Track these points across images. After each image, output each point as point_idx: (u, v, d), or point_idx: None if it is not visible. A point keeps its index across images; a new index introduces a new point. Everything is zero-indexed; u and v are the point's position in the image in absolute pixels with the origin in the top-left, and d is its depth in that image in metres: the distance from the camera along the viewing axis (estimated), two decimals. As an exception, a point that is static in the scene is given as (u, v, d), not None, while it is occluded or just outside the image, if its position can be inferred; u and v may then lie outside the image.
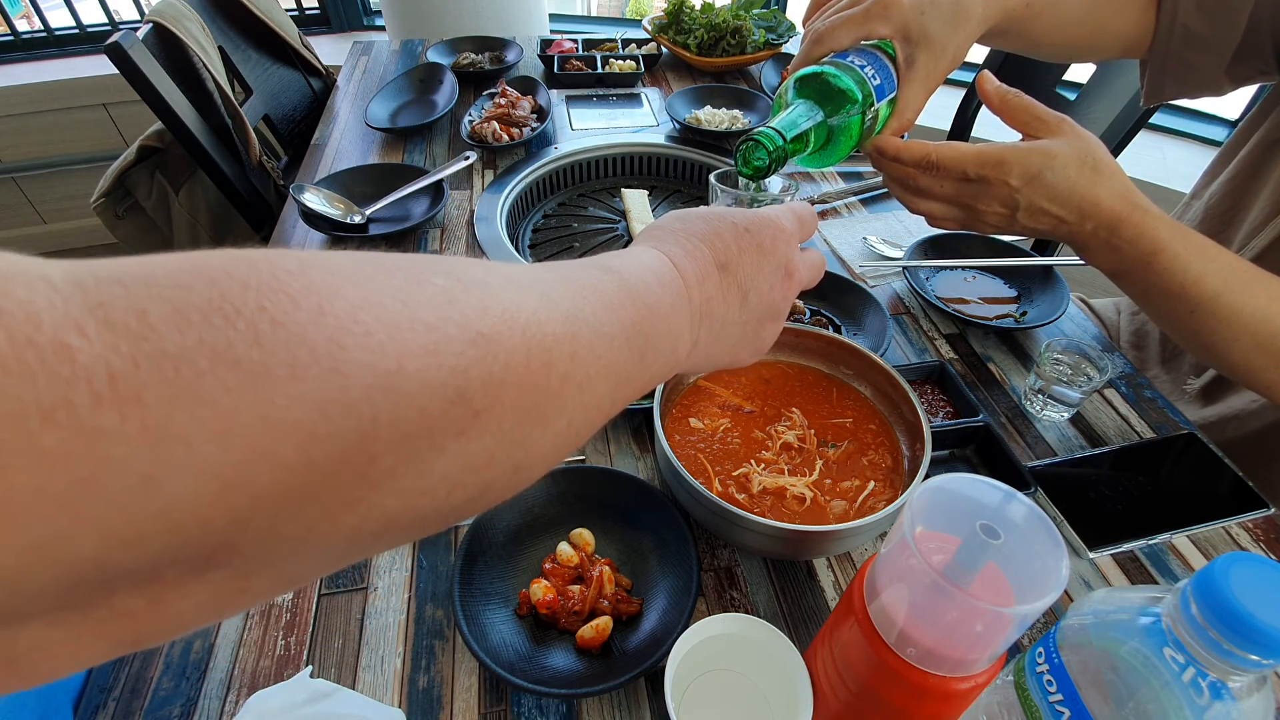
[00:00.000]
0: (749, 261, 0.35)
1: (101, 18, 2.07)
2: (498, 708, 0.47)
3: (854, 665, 0.37)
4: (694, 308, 0.32)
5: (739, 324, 0.35)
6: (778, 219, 0.37)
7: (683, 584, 0.50)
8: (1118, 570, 0.56)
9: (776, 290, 0.36)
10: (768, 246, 0.35)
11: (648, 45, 1.38)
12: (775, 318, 0.37)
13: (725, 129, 1.09)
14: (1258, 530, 0.59)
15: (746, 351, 0.37)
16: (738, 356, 0.37)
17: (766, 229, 0.36)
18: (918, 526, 0.31)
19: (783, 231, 0.36)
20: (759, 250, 0.35)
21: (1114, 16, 0.67)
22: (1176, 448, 0.64)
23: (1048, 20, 0.64)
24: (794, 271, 0.37)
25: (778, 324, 0.38)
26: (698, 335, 0.33)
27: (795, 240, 0.37)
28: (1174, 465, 0.63)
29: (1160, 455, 0.64)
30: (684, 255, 0.33)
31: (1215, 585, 0.26)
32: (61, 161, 2.08)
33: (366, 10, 2.22)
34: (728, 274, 0.34)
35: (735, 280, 0.34)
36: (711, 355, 0.35)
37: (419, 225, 0.90)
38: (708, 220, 0.35)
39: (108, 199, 1.13)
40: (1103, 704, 0.29)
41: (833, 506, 0.52)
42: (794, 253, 0.37)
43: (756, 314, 0.36)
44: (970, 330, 0.78)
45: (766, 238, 0.35)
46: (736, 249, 0.34)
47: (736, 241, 0.35)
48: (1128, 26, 0.68)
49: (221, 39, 1.14)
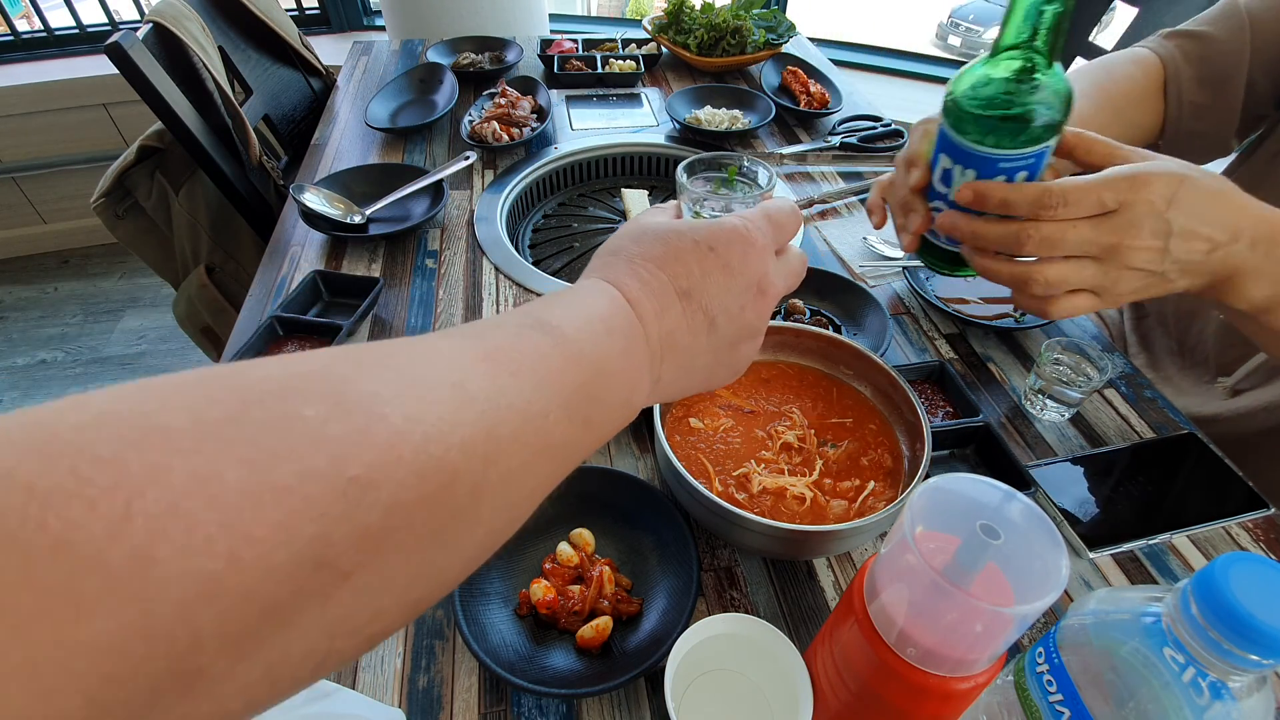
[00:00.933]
0: (715, 284, 0.32)
1: (101, 18, 2.07)
2: (498, 708, 0.47)
3: (854, 665, 0.37)
4: (653, 346, 0.30)
5: (708, 351, 0.33)
6: (747, 232, 0.33)
7: (683, 584, 0.50)
8: (1118, 570, 0.56)
9: (749, 310, 0.33)
10: (735, 265, 0.32)
11: (648, 45, 1.38)
12: (750, 337, 0.35)
13: (725, 129, 1.09)
14: (1258, 530, 0.59)
15: (720, 376, 0.35)
16: (711, 382, 0.35)
17: (734, 245, 0.33)
18: (918, 526, 0.31)
19: (752, 246, 0.33)
20: (725, 271, 0.32)
21: (1138, 112, 0.73)
22: (1176, 448, 0.64)
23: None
24: (768, 287, 0.34)
25: (755, 342, 0.36)
26: (659, 373, 0.31)
27: (768, 252, 0.34)
28: (1174, 465, 0.63)
29: (1160, 455, 0.64)
30: (639, 287, 0.30)
31: (1215, 585, 0.26)
32: (61, 161, 2.09)
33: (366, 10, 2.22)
34: (691, 301, 0.31)
35: (699, 306, 0.31)
36: (680, 387, 0.33)
37: (419, 225, 0.90)
38: (666, 240, 0.32)
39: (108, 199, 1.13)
40: (1103, 704, 0.29)
41: (833, 506, 0.52)
42: (767, 266, 0.34)
43: (728, 338, 0.33)
44: (970, 330, 0.78)
45: (734, 256, 0.32)
46: (700, 271, 0.32)
47: (699, 263, 0.32)
48: (1150, 118, 0.73)
49: (221, 39, 1.14)
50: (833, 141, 1.09)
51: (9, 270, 2.25)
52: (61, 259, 2.30)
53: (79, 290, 2.20)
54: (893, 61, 2.05)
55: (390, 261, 0.87)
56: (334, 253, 0.88)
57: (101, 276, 2.25)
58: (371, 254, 0.88)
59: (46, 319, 2.10)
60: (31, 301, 2.16)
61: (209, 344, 1.23)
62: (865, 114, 1.17)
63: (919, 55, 2.06)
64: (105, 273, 2.26)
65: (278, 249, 0.89)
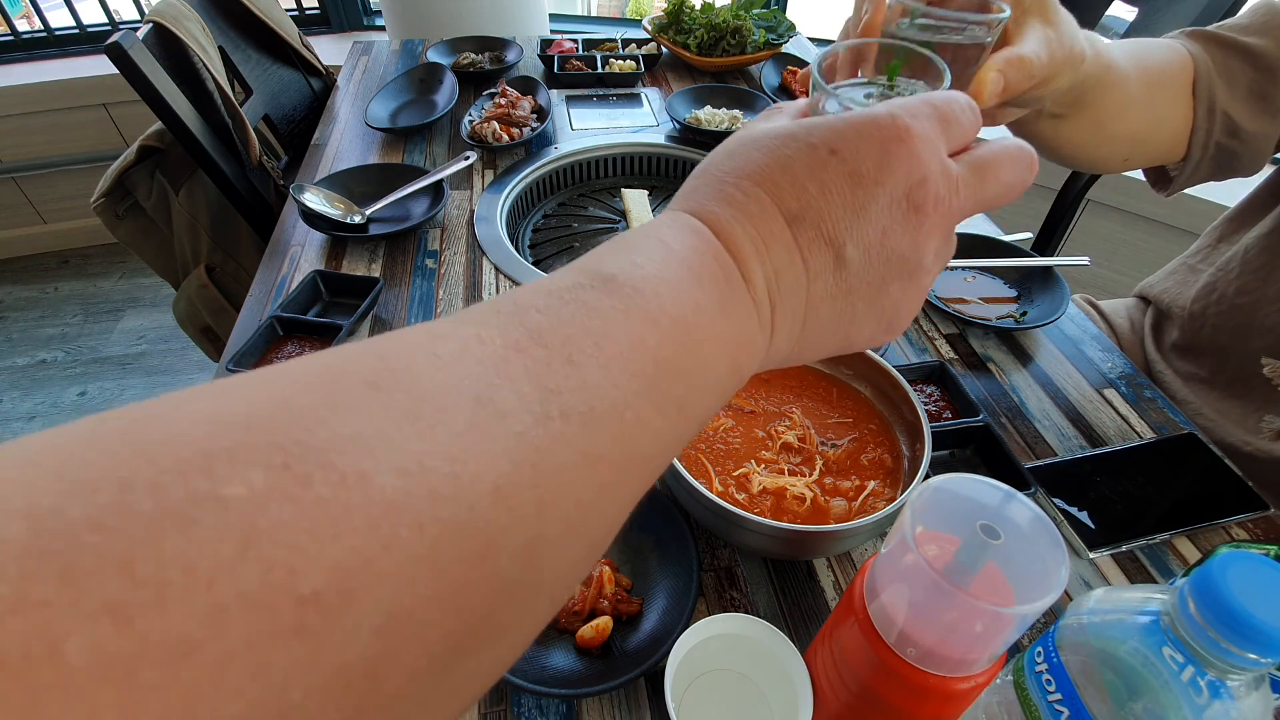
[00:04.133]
0: (838, 200, 0.23)
1: (101, 18, 2.07)
2: (498, 708, 0.47)
3: (854, 665, 0.37)
4: (758, 292, 0.23)
5: (838, 295, 0.24)
6: (891, 121, 0.23)
7: (683, 584, 0.50)
8: (1118, 570, 0.56)
9: (896, 234, 0.23)
10: (869, 172, 0.23)
11: (648, 45, 1.38)
12: (904, 275, 0.24)
13: (725, 129, 1.09)
14: (1257, 530, 0.59)
15: (865, 329, 0.26)
16: (852, 339, 0.26)
17: (867, 143, 0.23)
18: (918, 526, 0.31)
19: (899, 141, 0.23)
20: (853, 181, 0.23)
21: (1171, 107, 0.62)
22: (1176, 448, 0.65)
23: (1118, 96, 0.57)
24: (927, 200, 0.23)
25: (914, 282, 0.25)
26: (773, 326, 0.24)
27: (927, 148, 0.23)
28: (1174, 465, 0.63)
29: (1160, 455, 0.64)
30: (732, 214, 0.23)
31: (1213, 584, 0.26)
32: (61, 161, 2.09)
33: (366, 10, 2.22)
34: (803, 227, 0.23)
35: (818, 234, 0.23)
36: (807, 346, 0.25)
37: (419, 225, 0.90)
38: (770, 148, 0.23)
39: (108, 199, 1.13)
40: (1101, 703, 0.29)
41: (833, 506, 0.52)
42: (928, 168, 0.23)
43: (867, 277, 0.24)
44: (970, 330, 0.78)
45: (868, 158, 0.23)
46: (816, 186, 0.23)
47: (815, 173, 0.23)
48: (1179, 119, 0.63)
49: (221, 39, 1.14)
50: (833, 141, 1.09)
51: (9, 270, 2.25)
52: (61, 259, 2.30)
53: (79, 290, 2.20)
54: (893, 61, 2.05)
55: (390, 261, 0.87)
56: (334, 253, 0.88)
57: (101, 276, 2.25)
58: (371, 254, 0.88)
59: (46, 319, 2.10)
60: (31, 301, 2.16)
61: (209, 344, 1.23)
62: (865, 114, 1.17)
63: (919, 55, 2.06)
64: (105, 273, 2.26)
65: (278, 249, 0.89)
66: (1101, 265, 1.69)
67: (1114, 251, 1.67)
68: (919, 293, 0.26)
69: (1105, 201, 1.61)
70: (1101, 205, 1.62)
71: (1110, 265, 1.68)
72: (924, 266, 0.25)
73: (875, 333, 0.26)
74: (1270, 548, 0.38)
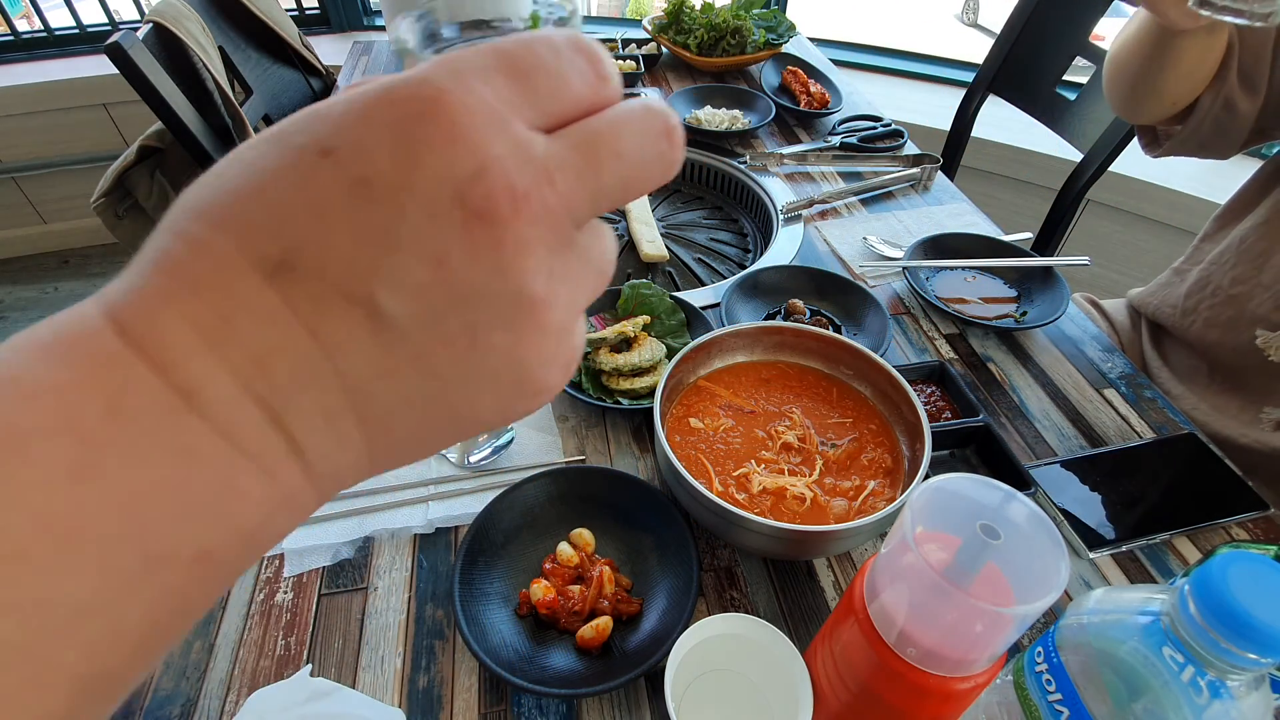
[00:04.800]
0: (344, 230, 0.14)
1: (101, 18, 2.06)
2: (498, 708, 0.47)
3: (854, 665, 0.37)
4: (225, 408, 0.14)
5: (398, 370, 0.15)
6: (422, 83, 0.15)
7: (683, 584, 0.50)
8: (1118, 570, 0.56)
9: (461, 259, 0.15)
10: (382, 174, 0.14)
11: (648, 45, 1.38)
12: (509, 313, 0.16)
13: (725, 129, 1.09)
14: (1257, 530, 0.59)
15: (485, 401, 0.17)
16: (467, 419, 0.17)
17: (374, 128, 0.15)
18: (918, 526, 0.31)
19: (420, 111, 0.14)
20: (360, 193, 0.14)
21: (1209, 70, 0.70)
22: (1176, 448, 0.65)
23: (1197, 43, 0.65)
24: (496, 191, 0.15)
25: (534, 320, 0.16)
26: (289, 444, 0.15)
27: (484, 118, 0.15)
28: (1174, 465, 0.63)
29: (1160, 455, 0.64)
30: (162, 290, 0.14)
31: (1213, 584, 0.26)
32: (61, 161, 2.09)
33: (366, 10, 2.22)
34: (296, 280, 0.14)
35: (325, 285, 0.14)
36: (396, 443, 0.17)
37: (419, 225, 0.90)
38: (248, 160, 0.15)
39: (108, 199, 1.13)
40: (1101, 703, 0.29)
41: (833, 506, 0.52)
42: (486, 148, 0.15)
43: (436, 332, 0.15)
44: (970, 330, 0.78)
45: (378, 152, 0.14)
46: (309, 212, 0.14)
47: (303, 192, 0.14)
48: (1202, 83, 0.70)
49: (221, 39, 1.14)
50: (833, 141, 1.09)
51: (9, 270, 2.25)
52: (61, 259, 2.30)
53: (79, 290, 2.20)
54: (893, 61, 2.05)
55: (390, 261, 0.87)
56: (334, 253, 0.88)
57: (101, 276, 2.25)
58: (371, 254, 0.88)
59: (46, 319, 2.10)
60: (31, 301, 2.16)
61: (209, 344, 1.23)
62: (865, 114, 1.17)
63: (919, 55, 2.06)
64: (105, 273, 2.26)
65: (278, 249, 0.89)
66: (1101, 265, 1.69)
67: (1114, 251, 1.67)
68: (547, 335, 0.16)
69: (1105, 201, 1.61)
70: (1101, 205, 1.62)
71: (1110, 265, 1.68)
72: (532, 296, 0.16)
73: (502, 401, 0.17)
74: (1270, 548, 0.38)
